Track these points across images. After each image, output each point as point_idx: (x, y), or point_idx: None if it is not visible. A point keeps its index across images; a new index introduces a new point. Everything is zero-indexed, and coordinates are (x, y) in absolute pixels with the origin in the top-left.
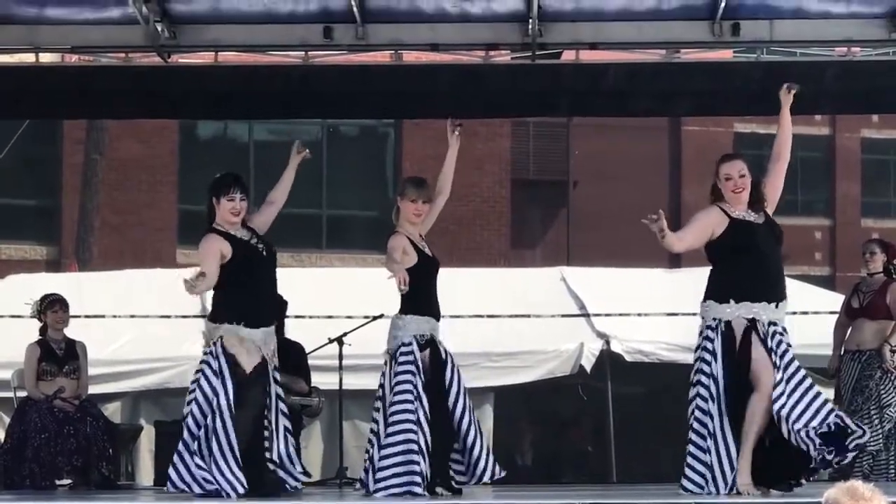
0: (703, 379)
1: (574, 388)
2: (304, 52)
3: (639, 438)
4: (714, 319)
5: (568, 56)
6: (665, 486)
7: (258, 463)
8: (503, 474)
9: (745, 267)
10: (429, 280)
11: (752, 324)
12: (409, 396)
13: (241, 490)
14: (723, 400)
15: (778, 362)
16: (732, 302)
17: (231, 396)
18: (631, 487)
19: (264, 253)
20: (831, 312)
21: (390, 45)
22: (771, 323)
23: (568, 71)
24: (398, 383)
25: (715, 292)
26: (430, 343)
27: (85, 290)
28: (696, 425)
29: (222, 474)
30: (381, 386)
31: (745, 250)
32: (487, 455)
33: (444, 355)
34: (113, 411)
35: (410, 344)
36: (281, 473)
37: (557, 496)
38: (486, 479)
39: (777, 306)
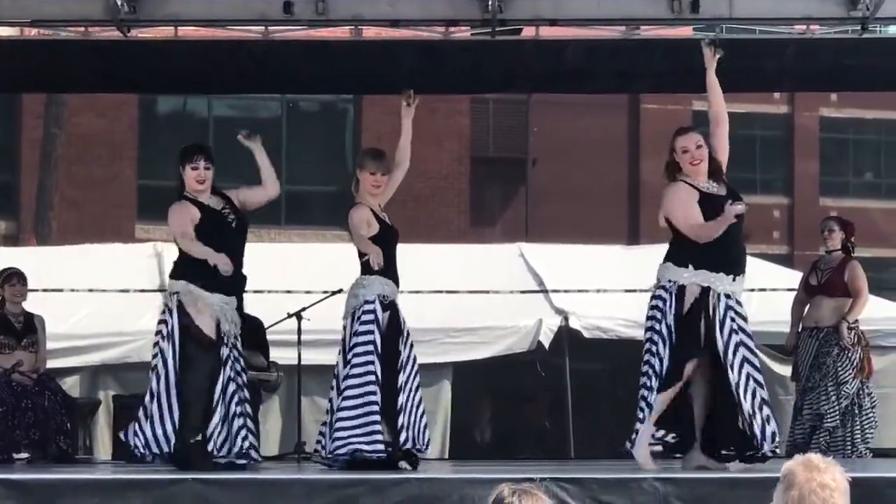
0: (653, 336)
1: (532, 364)
2: (264, 28)
3: (597, 415)
4: (669, 281)
5: (528, 32)
6: (623, 462)
7: (187, 433)
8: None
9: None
10: (389, 249)
11: (706, 293)
12: (369, 356)
13: (162, 450)
14: (664, 359)
15: (720, 337)
16: (691, 267)
17: (177, 361)
18: (588, 463)
19: (233, 224)
20: (789, 289)
21: (350, 20)
22: (726, 295)
23: (528, 47)
24: (358, 343)
25: (675, 257)
26: (392, 306)
27: (43, 264)
28: (644, 379)
29: (153, 433)
30: (343, 341)
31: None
32: (425, 429)
33: (402, 323)
34: (71, 385)
35: (374, 302)
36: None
37: (515, 471)
38: (424, 451)
39: (734, 279)
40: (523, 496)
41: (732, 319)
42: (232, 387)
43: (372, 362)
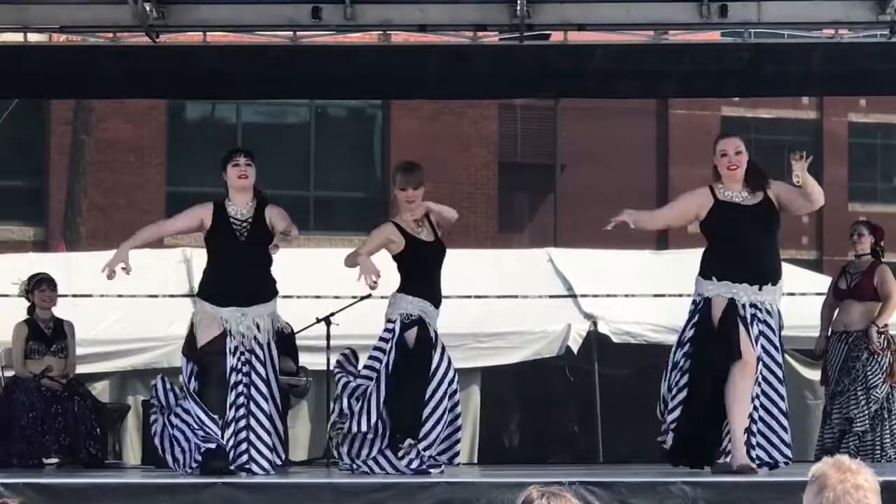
0: (677, 344)
1: (561, 369)
2: (292, 33)
3: (625, 419)
4: (699, 295)
5: (556, 37)
6: (652, 466)
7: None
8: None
9: (727, 248)
10: (422, 264)
11: (733, 304)
12: (369, 373)
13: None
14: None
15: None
16: (714, 280)
17: (188, 375)
18: (617, 467)
19: (242, 238)
20: (818, 294)
21: (379, 25)
22: (752, 305)
23: (556, 52)
24: (368, 358)
25: (702, 269)
26: (418, 323)
27: (73, 269)
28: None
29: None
30: None
31: (728, 232)
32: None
33: (433, 338)
34: (100, 390)
35: (394, 322)
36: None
37: (544, 475)
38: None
39: (761, 289)
40: (552, 498)
41: (760, 332)
42: (232, 396)
43: (368, 380)
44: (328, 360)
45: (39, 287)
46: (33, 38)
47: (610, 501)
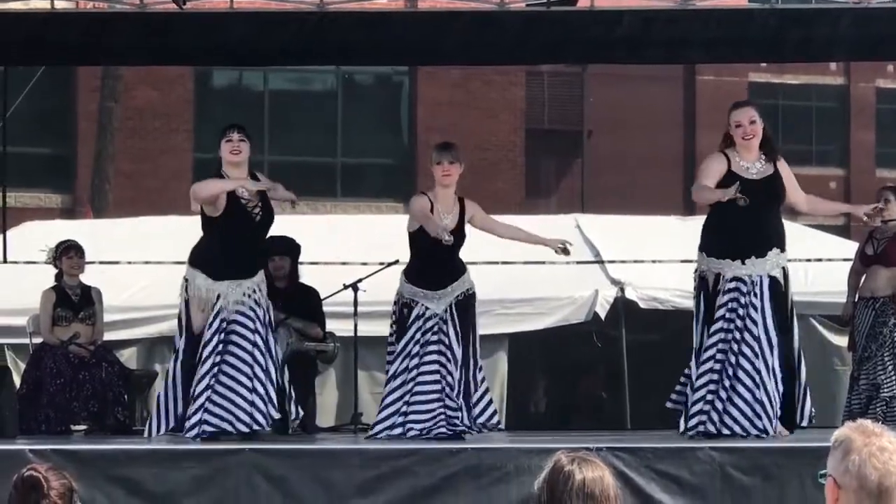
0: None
1: (588, 335)
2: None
3: (653, 385)
4: (695, 271)
5: (583, 3)
6: (679, 432)
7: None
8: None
9: (721, 221)
10: (429, 252)
11: (718, 279)
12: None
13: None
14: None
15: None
16: (704, 255)
17: (182, 344)
18: (645, 433)
19: (257, 218)
20: (846, 260)
21: None
22: (735, 278)
23: (583, 18)
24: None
25: (700, 242)
26: (409, 305)
27: (100, 236)
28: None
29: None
30: None
31: (728, 204)
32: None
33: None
34: (128, 357)
35: (397, 303)
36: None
37: (571, 441)
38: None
39: (744, 262)
40: (582, 463)
41: (741, 305)
42: (206, 366)
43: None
44: (355, 326)
45: (67, 254)
46: (60, 4)
47: (637, 467)
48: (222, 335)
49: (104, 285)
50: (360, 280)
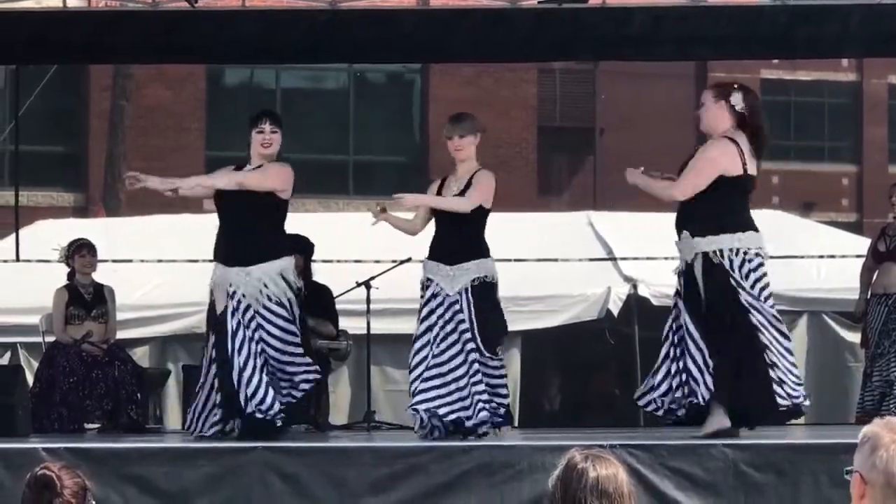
0: None
1: (601, 332)
2: None
3: None
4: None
5: (594, 0)
6: (692, 429)
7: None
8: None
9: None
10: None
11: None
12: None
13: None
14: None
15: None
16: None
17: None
18: (658, 430)
19: (241, 204)
20: (858, 256)
21: None
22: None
23: (594, 15)
24: None
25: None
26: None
27: (112, 235)
28: None
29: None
30: None
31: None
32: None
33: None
34: (141, 355)
35: (427, 286)
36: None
37: (585, 438)
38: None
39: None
40: (595, 460)
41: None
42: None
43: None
44: (368, 323)
45: (80, 252)
46: (72, 3)
47: (651, 464)
48: (247, 321)
49: (117, 284)
50: (372, 278)
